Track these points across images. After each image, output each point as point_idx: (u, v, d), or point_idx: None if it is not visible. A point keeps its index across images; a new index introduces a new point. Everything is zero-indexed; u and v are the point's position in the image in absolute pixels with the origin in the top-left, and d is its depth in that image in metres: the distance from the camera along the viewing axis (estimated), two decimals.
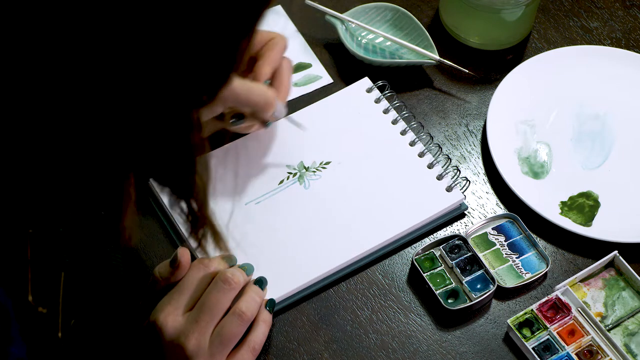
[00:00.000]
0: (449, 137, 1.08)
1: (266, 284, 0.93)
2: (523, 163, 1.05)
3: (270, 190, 1.01)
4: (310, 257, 0.97)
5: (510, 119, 1.08)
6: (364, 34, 1.13)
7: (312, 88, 1.10)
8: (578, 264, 1.00)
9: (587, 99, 1.10)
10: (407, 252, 1.00)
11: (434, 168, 1.03)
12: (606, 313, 0.96)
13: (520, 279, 0.97)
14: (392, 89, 1.07)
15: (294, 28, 1.14)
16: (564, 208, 1.02)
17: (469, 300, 0.95)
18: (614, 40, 1.16)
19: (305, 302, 0.96)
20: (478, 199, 1.03)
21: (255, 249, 0.97)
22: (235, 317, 0.88)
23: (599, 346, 0.93)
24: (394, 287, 0.98)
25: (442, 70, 1.12)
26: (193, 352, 0.86)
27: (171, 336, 0.86)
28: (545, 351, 0.93)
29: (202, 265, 0.91)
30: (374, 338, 0.95)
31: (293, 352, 0.94)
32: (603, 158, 1.06)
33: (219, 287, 0.88)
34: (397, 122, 1.06)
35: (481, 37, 1.13)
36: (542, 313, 0.95)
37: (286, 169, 1.03)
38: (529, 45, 1.15)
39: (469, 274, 0.97)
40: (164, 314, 0.87)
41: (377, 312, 0.96)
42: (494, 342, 0.95)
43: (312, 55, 1.13)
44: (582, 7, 1.18)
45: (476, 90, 1.11)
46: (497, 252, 0.99)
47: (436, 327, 0.95)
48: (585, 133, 1.08)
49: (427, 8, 1.17)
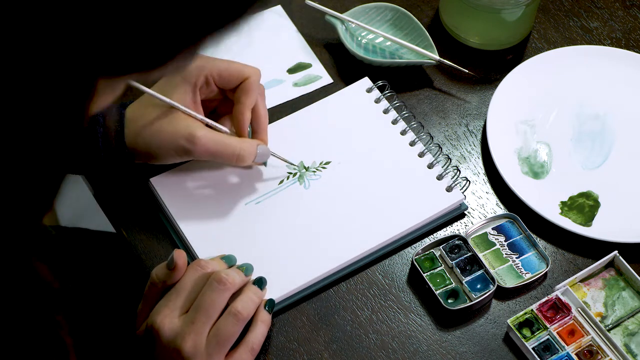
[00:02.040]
0: (449, 137, 1.08)
1: (266, 283, 0.93)
2: (523, 163, 1.05)
3: (270, 190, 1.01)
4: (310, 257, 0.97)
5: (510, 119, 1.08)
6: (364, 34, 1.13)
7: (312, 88, 1.10)
8: (578, 264, 1.00)
9: (587, 99, 1.10)
10: (407, 252, 1.00)
11: (434, 168, 1.03)
12: (606, 313, 0.96)
13: (520, 279, 0.97)
14: (392, 89, 1.07)
15: (294, 28, 1.14)
16: (564, 208, 1.02)
17: (469, 300, 0.95)
18: (614, 40, 1.16)
19: (305, 302, 0.96)
20: (478, 199, 1.03)
21: (255, 248, 0.97)
22: (231, 317, 0.88)
23: (599, 346, 0.93)
24: (394, 287, 0.98)
25: (442, 70, 1.12)
26: (190, 353, 0.86)
27: (168, 338, 0.86)
28: (545, 351, 0.93)
29: (199, 266, 0.90)
30: (374, 338, 0.95)
31: (293, 352, 0.94)
32: (603, 158, 1.06)
33: (213, 287, 0.88)
34: (397, 122, 1.06)
35: (481, 37, 1.13)
36: (542, 313, 0.95)
37: (286, 169, 1.03)
38: (529, 45, 1.15)
39: (469, 274, 0.97)
40: (161, 316, 0.87)
41: (377, 312, 0.96)
42: (494, 342, 0.95)
43: (312, 55, 1.13)
44: (582, 7, 1.18)
45: (476, 90, 1.11)
46: (497, 252, 0.99)
47: (436, 327, 0.95)
48: (585, 133, 1.08)
49: (427, 8, 1.17)
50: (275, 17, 1.15)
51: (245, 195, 1.01)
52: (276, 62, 1.12)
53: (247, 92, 0.97)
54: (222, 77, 0.98)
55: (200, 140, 0.94)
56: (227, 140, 0.96)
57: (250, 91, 0.97)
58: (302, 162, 1.03)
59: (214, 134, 0.96)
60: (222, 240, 0.98)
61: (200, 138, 0.94)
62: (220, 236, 0.98)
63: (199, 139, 0.94)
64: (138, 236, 1.00)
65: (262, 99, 1.00)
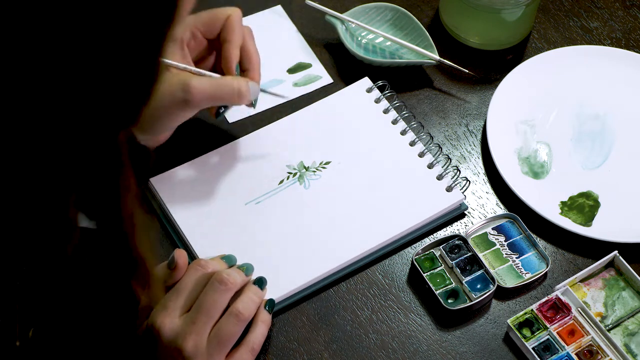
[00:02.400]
0: (449, 137, 1.08)
1: (266, 283, 0.93)
2: (523, 163, 1.05)
3: (270, 190, 1.01)
4: (310, 257, 0.97)
5: (510, 119, 1.08)
6: (364, 34, 1.13)
7: (312, 88, 1.10)
8: (578, 264, 1.00)
9: (587, 99, 1.10)
10: (407, 252, 1.00)
11: (434, 168, 1.03)
12: (606, 313, 0.96)
13: (520, 279, 0.97)
14: (392, 89, 1.07)
15: (294, 28, 1.14)
16: (564, 208, 1.02)
17: (469, 300, 0.95)
18: (614, 40, 1.16)
19: (305, 302, 0.96)
20: (478, 199, 1.03)
21: (255, 248, 0.97)
22: (232, 317, 0.88)
23: (599, 346, 0.93)
24: (394, 287, 0.98)
25: (442, 70, 1.12)
26: (191, 353, 0.86)
27: (169, 338, 0.86)
28: (545, 351, 0.93)
29: (199, 266, 0.90)
30: (374, 338, 0.95)
31: (293, 352, 0.94)
32: (603, 158, 1.06)
33: (215, 287, 0.88)
34: (397, 122, 1.06)
35: (481, 37, 1.13)
36: (542, 313, 0.95)
37: (286, 169, 1.03)
38: (529, 45, 1.15)
39: (469, 274, 0.97)
40: (162, 316, 0.87)
41: (377, 312, 0.96)
42: (494, 342, 0.95)
43: (312, 55, 1.13)
44: (582, 7, 1.18)
45: (476, 90, 1.11)
46: (497, 252, 0.99)
47: (436, 327, 0.95)
48: (585, 133, 1.08)
49: (427, 8, 1.17)
50: (275, 17, 1.15)
51: (245, 195, 1.01)
52: (276, 62, 1.12)
53: (231, 30, 0.98)
54: (206, 25, 0.98)
55: (196, 88, 0.94)
56: (221, 81, 0.96)
57: (234, 28, 0.98)
58: (302, 162, 1.03)
59: (208, 79, 0.95)
60: (222, 240, 0.98)
61: (196, 85, 0.94)
62: (220, 236, 0.98)
63: (194, 87, 0.94)
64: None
65: (250, 38, 1.00)
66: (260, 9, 1.16)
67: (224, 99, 0.96)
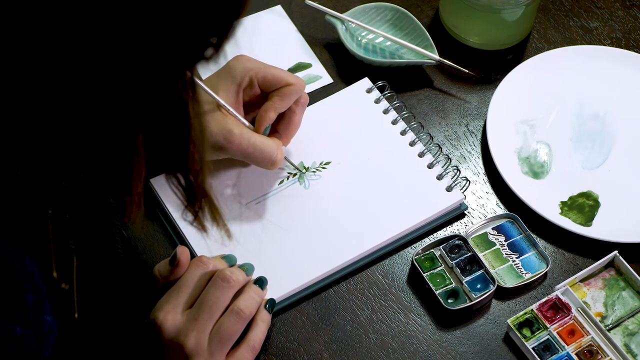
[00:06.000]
0: (449, 137, 1.08)
1: (266, 283, 0.93)
2: (523, 163, 1.05)
3: (270, 190, 1.01)
4: (310, 257, 0.97)
5: (510, 119, 1.08)
6: (364, 34, 1.13)
7: (312, 88, 1.10)
8: (578, 264, 1.00)
9: (587, 99, 1.10)
10: (407, 252, 1.00)
11: (434, 168, 1.03)
12: (606, 313, 0.96)
13: (520, 279, 0.97)
14: (392, 89, 1.07)
15: (294, 28, 1.14)
16: (564, 208, 1.02)
17: (469, 300, 0.95)
18: (614, 40, 1.16)
19: (305, 302, 0.97)
20: (478, 199, 1.03)
21: (255, 248, 0.97)
22: (233, 315, 0.88)
23: (599, 346, 0.93)
24: (394, 287, 0.98)
25: (442, 70, 1.12)
26: (192, 350, 0.86)
27: (170, 334, 0.86)
28: (545, 351, 0.93)
29: (201, 263, 0.91)
30: (374, 338, 0.95)
31: (293, 352, 0.94)
32: (603, 158, 1.06)
33: (217, 284, 0.88)
34: (397, 122, 1.06)
35: (481, 37, 1.13)
36: (542, 313, 0.95)
37: (286, 169, 1.03)
38: (529, 45, 1.15)
39: (469, 274, 0.97)
40: (163, 312, 0.87)
41: (377, 312, 0.96)
42: (494, 342, 0.95)
43: (312, 55, 1.13)
44: (582, 7, 1.18)
45: (476, 90, 1.11)
46: (497, 252, 0.99)
47: (436, 327, 0.95)
48: (585, 133, 1.08)
49: (427, 8, 1.17)
50: (275, 17, 1.15)
51: (245, 195, 1.01)
52: (276, 62, 1.12)
53: (282, 95, 0.98)
54: (267, 81, 0.98)
55: (234, 142, 0.95)
56: (263, 146, 0.96)
57: (286, 96, 0.98)
58: (302, 162, 1.03)
59: (250, 136, 0.96)
60: (222, 240, 0.98)
61: (235, 140, 0.95)
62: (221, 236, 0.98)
63: (235, 138, 0.95)
64: (138, 236, 1.00)
65: (301, 109, 1.01)
66: (260, 9, 1.16)
67: (257, 161, 0.98)
